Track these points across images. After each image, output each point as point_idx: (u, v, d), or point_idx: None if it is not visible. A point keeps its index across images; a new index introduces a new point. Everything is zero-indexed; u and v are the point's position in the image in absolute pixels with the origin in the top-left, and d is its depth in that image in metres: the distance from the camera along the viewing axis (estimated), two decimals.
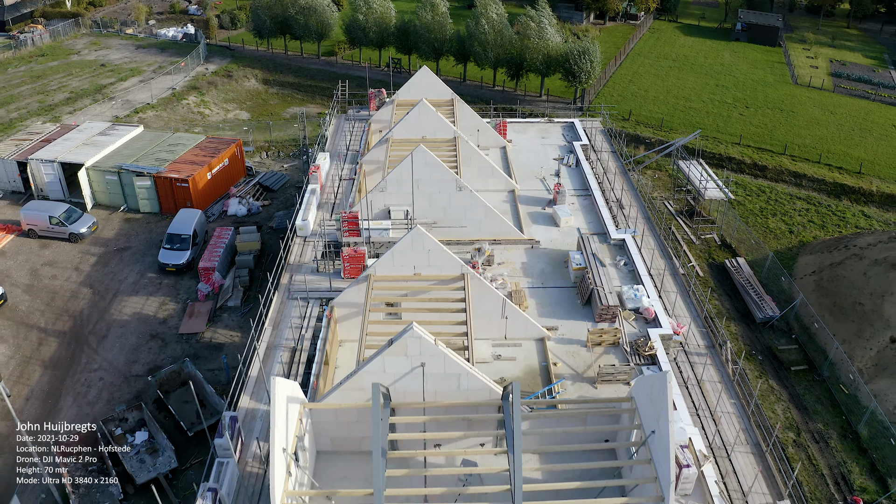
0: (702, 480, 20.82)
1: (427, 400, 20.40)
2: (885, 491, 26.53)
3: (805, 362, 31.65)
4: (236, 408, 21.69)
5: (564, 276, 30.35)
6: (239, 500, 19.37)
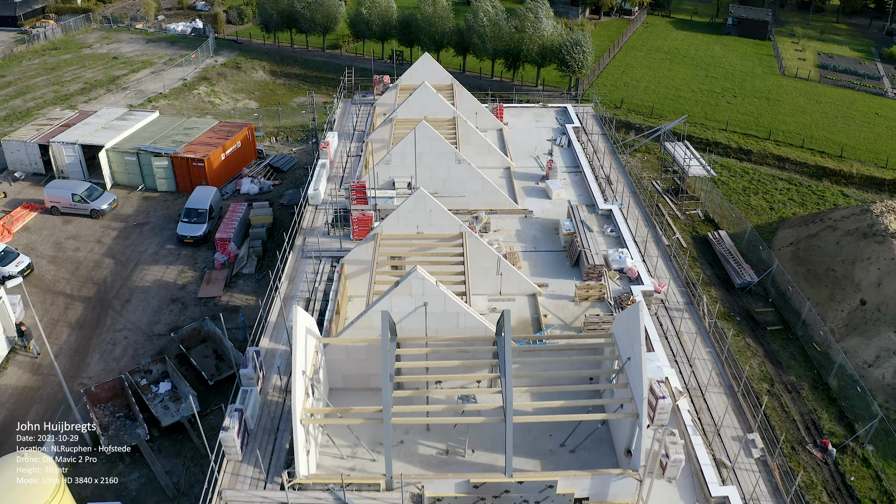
0: (677, 412, 23.24)
1: (429, 336, 22.87)
2: (852, 434, 28.91)
3: (780, 323, 34.08)
4: (258, 345, 24.11)
5: (555, 241, 32.79)
6: (261, 422, 21.79)
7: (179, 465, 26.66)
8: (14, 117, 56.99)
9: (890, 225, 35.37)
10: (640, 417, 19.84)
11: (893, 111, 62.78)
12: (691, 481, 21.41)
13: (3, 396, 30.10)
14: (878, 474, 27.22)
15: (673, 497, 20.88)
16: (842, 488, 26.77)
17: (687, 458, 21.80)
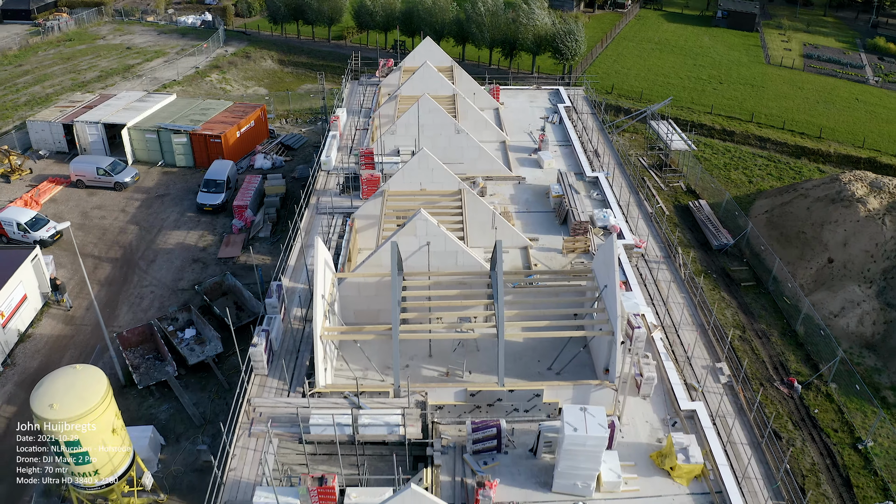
0: (651, 342, 26.21)
1: (431, 271, 25.81)
2: (820, 378, 31.82)
3: (753, 280, 37.05)
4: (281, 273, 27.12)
5: (546, 204, 35.76)
6: (284, 344, 24.73)
7: (205, 399, 29.61)
8: (34, 102, 59.93)
9: (856, 191, 38.32)
10: (615, 335, 22.78)
11: (873, 97, 65.82)
12: (663, 399, 24.36)
13: (40, 344, 33.06)
14: (840, 408, 30.14)
15: (646, 411, 23.82)
16: (806, 419, 29.69)
17: (659, 379, 24.80)
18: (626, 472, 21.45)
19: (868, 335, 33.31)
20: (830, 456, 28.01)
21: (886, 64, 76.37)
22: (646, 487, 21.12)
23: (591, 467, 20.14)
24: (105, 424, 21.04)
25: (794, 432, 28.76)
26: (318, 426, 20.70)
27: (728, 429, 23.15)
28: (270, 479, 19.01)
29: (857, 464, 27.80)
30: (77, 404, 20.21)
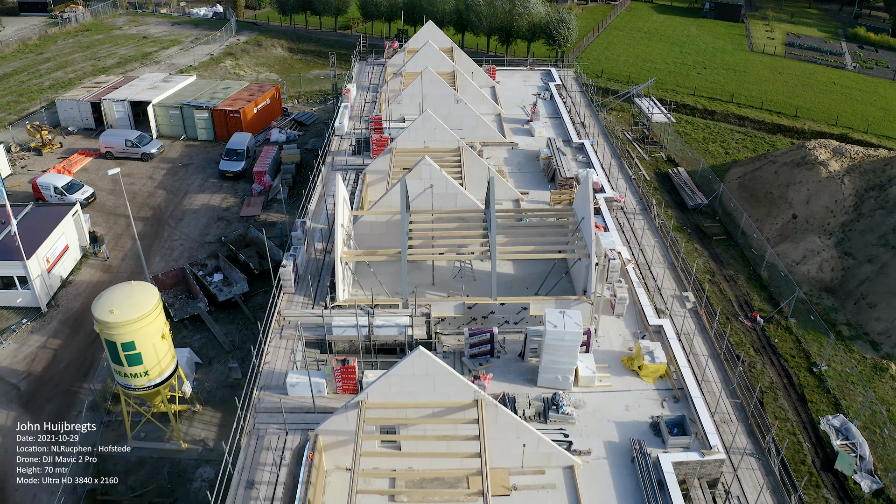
0: (625, 273, 30.00)
1: (434, 209, 29.62)
2: (780, 313, 35.59)
3: (724, 234, 40.89)
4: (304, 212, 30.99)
5: (536, 166, 39.63)
6: (308, 269, 28.56)
7: (233, 330, 33.43)
8: (58, 86, 63.77)
9: (820, 156, 42.15)
10: (590, 257, 26.60)
11: (850, 81, 69.69)
12: (635, 318, 28.17)
13: (80, 288, 36.87)
14: (798, 339, 33.91)
15: (619, 327, 27.64)
16: (767, 348, 33.48)
17: (631, 301, 28.63)
18: (601, 372, 25.27)
19: (827, 280, 37.12)
20: (787, 377, 31.80)
21: (865, 52, 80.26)
22: (617, 384, 24.90)
23: (569, 361, 23.93)
24: (155, 330, 24.83)
25: (755, 357, 32.57)
26: (340, 327, 24.54)
27: (690, 341, 26.95)
28: (299, 366, 22.81)
29: (812, 384, 31.57)
30: (133, 310, 23.98)
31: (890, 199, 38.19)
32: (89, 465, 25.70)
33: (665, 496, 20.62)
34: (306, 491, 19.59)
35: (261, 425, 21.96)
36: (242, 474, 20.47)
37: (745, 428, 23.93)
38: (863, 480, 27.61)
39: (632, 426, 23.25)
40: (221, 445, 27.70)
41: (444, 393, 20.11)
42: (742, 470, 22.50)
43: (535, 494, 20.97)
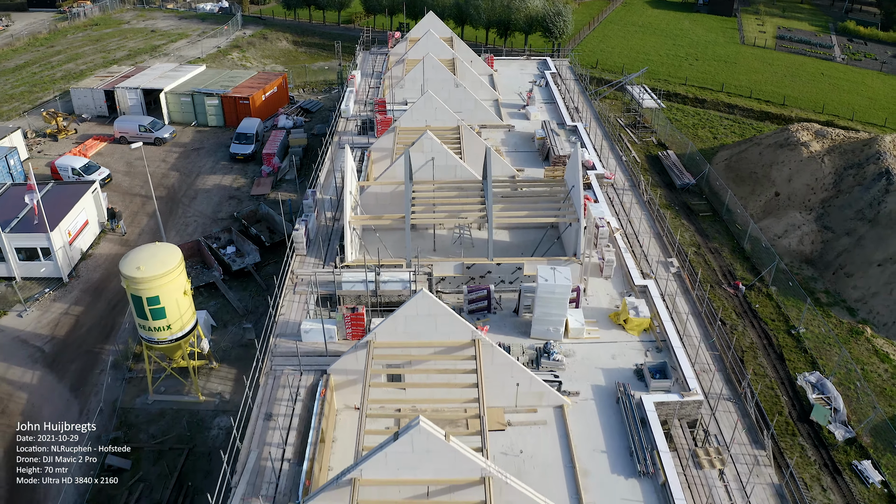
0: (613, 239, 32.04)
1: (435, 180, 31.70)
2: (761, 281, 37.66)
3: (710, 211, 42.97)
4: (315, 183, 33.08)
5: (531, 146, 41.71)
6: (318, 234, 30.63)
7: (246, 296, 35.53)
8: (70, 77, 65.83)
9: (802, 137, 44.22)
10: (579, 221, 28.67)
11: (838, 72, 71.78)
12: (622, 280, 30.23)
13: (99, 261, 38.95)
14: (778, 305, 35.99)
15: (608, 287, 29.70)
16: (748, 312, 35.55)
17: (618, 264, 30.68)
18: (589, 325, 27.32)
19: (807, 252, 39.19)
20: (767, 338, 33.85)
21: (855, 45, 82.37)
22: (604, 336, 26.96)
23: (559, 313, 25.98)
24: (178, 286, 26.91)
25: (736, 321, 34.64)
26: (349, 283, 26.61)
27: (673, 301, 29.00)
28: (313, 314, 24.87)
29: (790, 344, 33.63)
30: (158, 267, 26.07)
31: (867, 176, 40.26)
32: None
33: (647, 432, 22.64)
34: (320, 421, 21.63)
35: (277, 367, 24.04)
36: (261, 408, 22.53)
37: (722, 376, 26.00)
38: (837, 430, 29.67)
39: (617, 372, 25.29)
40: (237, 398, 29.90)
41: (445, 333, 22.16)
42: (719, 412, 24.56)
43: (528, 430, 23.00)
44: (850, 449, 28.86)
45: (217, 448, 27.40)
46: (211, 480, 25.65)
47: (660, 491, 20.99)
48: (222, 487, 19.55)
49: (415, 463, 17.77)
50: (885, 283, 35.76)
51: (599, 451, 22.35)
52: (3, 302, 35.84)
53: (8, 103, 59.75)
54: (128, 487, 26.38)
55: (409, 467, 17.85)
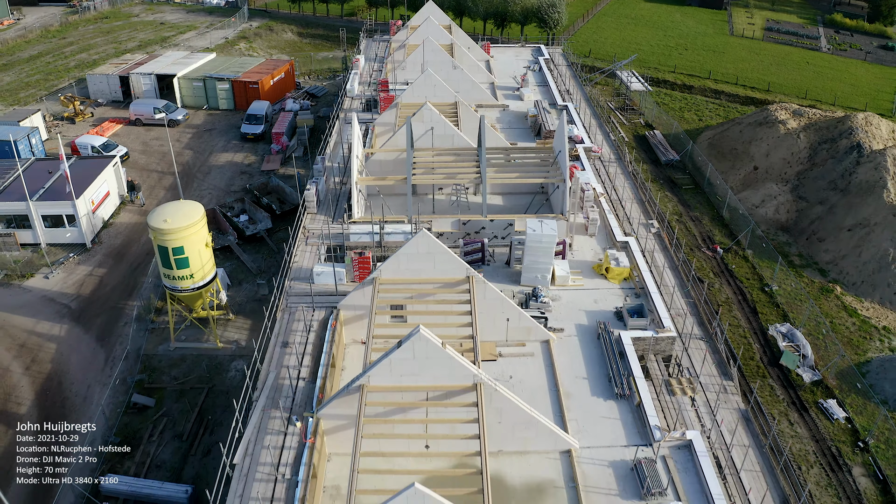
0: (598, 201, 34.66)
1: (434, 148, 34.36)
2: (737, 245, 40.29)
3: (693, 184, 45.64)
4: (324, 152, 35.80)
5: (524, 124, 44.41)
6: (327, 196, 33.31)
7: (259, 258, 38.20)
8: (83, 66, 68.48)
9: (780, 116, 46.89)
10: (565, 182, 31.32)
11: (823, 61, 74.48)
12: (605, 237, 32.86)
13: (120, 229, 41.61)
14: (753, 266, 38.63)
15: (592, 244, 32.34)
16: (725, 272, 38.21)
17: (602, 224, 33.34)
18: (574, 275, 29.95)
19: (783, 220, 41.84)
20: (742, 294, 36.51)
21: (841, 36, 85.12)
22: (588, 284, 29.60)
23: (546, 261, 28.61)
24: (200, 238, 29.58)
25: (714, 279, 37.29)
26: (356, 234, 29.29)
27: (651, 256, 31.63)
28: (324, 259, 27.50)
29: (763, 300, 36.27)
30: (183, 220, 28.74)
31: (840, 149, 42.92)
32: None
33: (625, 363, 25.27)
34: (331, 347, 24.28)
35: (292, 304, 26.69)
36: (279, 337, 25.19)
37: (696, 320, 28.59)
38: (804, 373, 32.29)
39: (599, 314, 27.89)
40: (252, 345, 32.52)
41: (442, 270, 24.79)
42: (692, 349, 27.14)
43: (517, 360, 25.61)
44: (816, 389, 31.48)
45: (234, 387, 30.07)
46: (229, 414, 28.25)
47: (635, 411, 23.59)
48: (245, 401, 22.19)
49: (415, 369, 20.41)
50: (855, 247, 38.39)
51: (581, 377, 24.97)
52: (30, 265, 38.51)
53: (24, 90, 62.47)
54: (152, 421, 29.06)
55: (410, 373, 20.49)
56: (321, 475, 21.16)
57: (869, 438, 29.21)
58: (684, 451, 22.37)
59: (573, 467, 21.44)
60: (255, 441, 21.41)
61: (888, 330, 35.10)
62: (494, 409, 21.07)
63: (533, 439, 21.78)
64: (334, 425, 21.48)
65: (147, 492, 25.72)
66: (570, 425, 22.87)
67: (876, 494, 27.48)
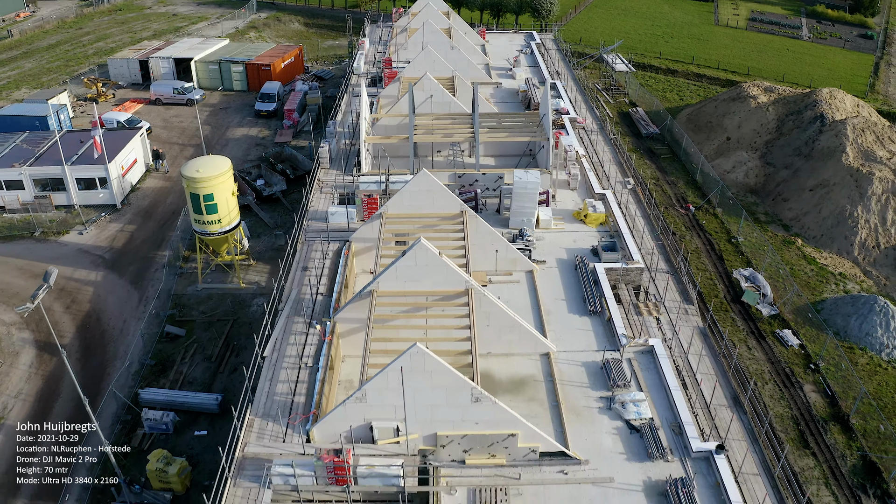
0: (580, 161, 38.59)
1: (433, 112, 38.36)
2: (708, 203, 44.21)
3: (670, 154, 49.62)
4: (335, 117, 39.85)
5: (516, 99, 48.41)
6: (337, 155, 37.31)
7: (276, 216, 42.17)
8: (101, 53, 72.53)
9: (751, 91, 50.87)
10: (548, 140, 35.30)
11: (803, 48, 78.50)
12: (585, 191, 36.80)
13: (147, 192, 45.66)
14: (722, 222, 42.58)
15: (573, 196, 36.29)
16: (695, 226, 42.20)
17: (582, 178, 37.28)
18: (556, 220, 33.90)
19: (752, 184, 45.82)
20: (710, 244, 40.49)
21: (823, 26, 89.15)
22: (568, 228, 33.56)
23: (531, 206, 32.56)
24: (228, 187, 33.59)
25: (685, 232, 41.24)
26: (365, 184, 33.22)
27: (626, 207, 35.57)
28: (337, 202, 31.46)
29: (730, 249, 40.25)
30: (213, 170, 32.76)
31: (805, 120, 46.90)
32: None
33: (598, 288, 29.19)
34: (345, 269, 28.24)
35: (310, 238, 30.65)
36: (299, 263, 29.15)
37: (663, 257, 32.53)
38: (763, 308, 36.21)
39: (577, 250, 31.83)
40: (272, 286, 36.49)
41: (439, 206, 28.78)
42: (659, 281, 31.11)
43: (505, 286, 29.52)
44: (773, 322, 35.40)
45: (256, 320, 34.00)
46: (252, 342, 32.24)
47: (605, 325, 27.51)
48: (272, 313, 26.15)
49: (417, 276, 24.37)
50: (815, 205, 42.34)
51: (560, 299, 28.92)
52: (65, 224, 42.48)
53: (46, 75, 66.48)
54: (184, 347, 33.02)
55: (412, 279, 24.45)
56: (337, 369, 25.11)
57: (819, 361, 33.13)
58: (647, 354, 26.27)
59: (551, 366, 25.35)
60: (282, 339, 25.37)
61: (843, 275, 39.04)
62: (483, 312, 25.00)
63: (517, 342, 25.72)
64: (348, 328, 25.43)
65: (181, 400, 29.63)
66: (550, 335, 26.79)
67: (824, 407, 31.40)
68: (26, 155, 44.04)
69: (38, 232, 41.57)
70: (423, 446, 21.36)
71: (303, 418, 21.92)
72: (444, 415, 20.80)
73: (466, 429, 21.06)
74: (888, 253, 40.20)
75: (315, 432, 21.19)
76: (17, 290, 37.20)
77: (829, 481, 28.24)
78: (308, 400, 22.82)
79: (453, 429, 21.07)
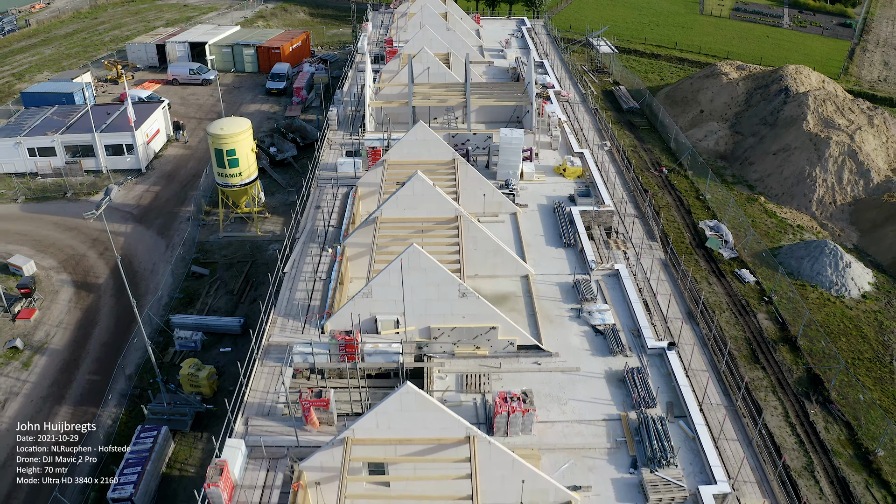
0: (562, 126, 42.90)
1: (429, 83, 42.68)
2: (680, 167, 48.47)
3: (648, 126, 53.90)
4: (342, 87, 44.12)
5: (506, 76, 52.69)
6: (346, 119, 41.62)
7: (287, 177, 46.47)
8: (118, 40, 76.90)
9: (724, 69, 55.14)
10: (532, 105, 39.60)
11: (783, 35, 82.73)
12: (565, 150, 41.08)
13: (169, 159, 50.05)
14: (692, 182, 46.83)
15: (554, 155, 40.58)
16: (667, 186, 46.45)
17: (563, 140, 41.58)
18: (538, 174, 38.18)
19: (722, 150, 50.10)
20: (680, 201, 44.77)
21: (803, 15, 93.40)
22: (549, 180, 37.84)
23: (515, 160, 36.85)
24: (248, 143, 37.97)
25: (658, 190, 45.52)
26: (370, 140, 37.56)
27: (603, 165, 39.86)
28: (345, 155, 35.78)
29: (698, 205, 44.55)
30: (235, 128, 37.17)
31: (771, 93, 51.16)
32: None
33: (573, 228, 33.44)
34: (353, 208, 32.50)
35: (321, 184, 34.96)
36: (312, 203, 33.45)
37: (633, 204, 36.78)
38: (725, 251, 40.45)
39: (556, 198, 36.11)
40: (285, 232, 40.78)
41: (434, 154, 33.11)
42: (627, 223, 35.35)
43: (492, 225, 33.76)
44: (733, 263, 39.63)
45: (272, 262, 38.28)
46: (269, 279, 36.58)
47: (578, 255, 31.78)
48: (290, 240, 30.45)
49: (415, 204, 28.64)
50: (778, 167, 46.58)
51: (539, 235, 33.20)
52: (94, 186, 46.77)
53: (66, 60, 70.85)
54: (208, 283, 37.31)
55: (411, 207, 28.71)
56: (346, 285, 29.41)
57: (773, 295, 37.35)
58: (613, 277, 30.52)
59: (530, 285, 29.61)
60: (300, 259, 29.68)
61: (801, 227, 43.27)
62: (471, 237, 29.26)
63: (500, 265, 29.98)
64: (355, 252, 29.72)
65: (208, 323, 33.91)
66: (529, 262, 31.07)
67: (775, 331, 35.55)
68: (57, 125, 48.38)
69: (69, 193, 45.90)
70: (418, 338, 25.63)
71: (318, 316, 26.22)
72: (436, 308, 25.07)
73: (455, 322, 25.34)
74: (843, 208, 44.44)
75: (328, 325, 25.47)
76: (54, 241, 41.53)
77: (776, 389, 32.45)
78: (322, 304, 27.14)
79: (444, 322, 25.34)
